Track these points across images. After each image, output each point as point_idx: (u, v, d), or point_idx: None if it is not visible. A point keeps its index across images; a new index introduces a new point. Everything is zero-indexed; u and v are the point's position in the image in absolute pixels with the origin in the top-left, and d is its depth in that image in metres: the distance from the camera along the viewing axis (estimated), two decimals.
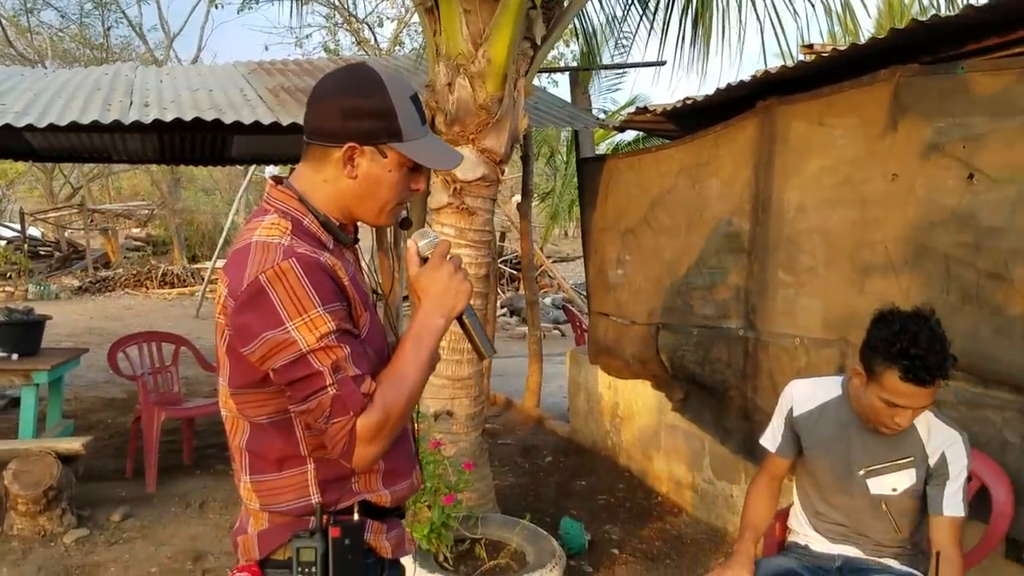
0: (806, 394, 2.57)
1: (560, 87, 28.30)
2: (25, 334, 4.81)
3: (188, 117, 4.25)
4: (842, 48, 3.11)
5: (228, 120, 4.25)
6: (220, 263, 16.33)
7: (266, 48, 56.54)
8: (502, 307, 13.49)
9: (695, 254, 4.32)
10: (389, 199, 1.50)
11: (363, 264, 1.66)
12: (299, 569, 1.43)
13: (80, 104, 4.58)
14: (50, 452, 4.14)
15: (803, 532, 2.59)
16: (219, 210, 23.66)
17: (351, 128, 1.44)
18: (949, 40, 2.91)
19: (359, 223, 1.59)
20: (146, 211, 21.00)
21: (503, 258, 15.75)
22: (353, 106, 1.44)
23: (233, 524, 4.41)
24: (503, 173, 4.17)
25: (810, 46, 3.31)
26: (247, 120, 4.26)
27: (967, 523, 2.46)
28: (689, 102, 4.22)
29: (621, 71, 12.13)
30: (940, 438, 2.31)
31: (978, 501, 2.60)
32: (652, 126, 4.89)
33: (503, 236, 15.51)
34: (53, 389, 5.20)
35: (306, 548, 1.44)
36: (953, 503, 2.28)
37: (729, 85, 3.81)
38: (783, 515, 2.77)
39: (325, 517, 1.46)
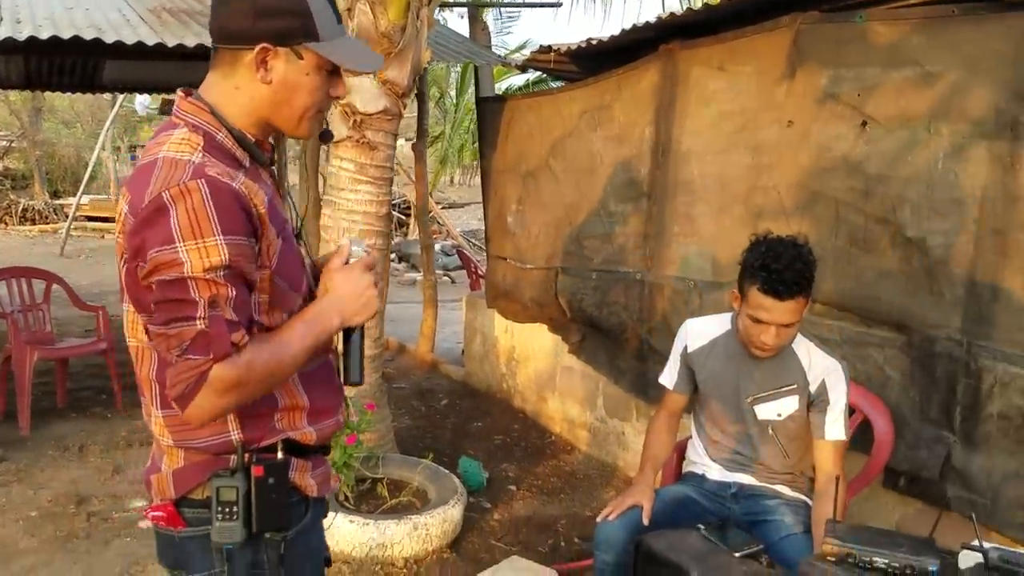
0: (699, 331, 2.67)
1: (458, 25, 27.79)
2: None
3: (66, 35, 3.93)
4: None
5: (109, 40, 3.96)
6: (85, 200, 15.44)
7: None
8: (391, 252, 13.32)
9: (596, 199, 4.36)
10: (308, 105, 1.42)
11: (281, 188, 1.59)
12: (219, 509, 1.38)
13: None
14: None
15: (701, 462, 2.71)
16: (82, 143, 22.24)
17: (264, 28, 1.34)
18: None
19: (276, 139, 1.52)
20: (4, 142, 19.51)
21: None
22: (265, 5, 1.34)
23: (116, 467, 4.26)
24: (405, 107, 4.07)
25: None
26: (129, 40, 3.99)
27: (851, 454, 2.63)
28: (593, 42, 4.21)
29: (515, 12, 12.01)
30: (820, 367, 2.45)
31: (861, 433, 2.77)
32: (555, 67, 4.87)
33: None
34: None
35: (227, 487, 1.38)
36: (835, 428, 2.43)
37: (634, 26, 3.83)
38: (680, 448, 2.88)
39: (247, 455, 1.40)
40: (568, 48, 4.36)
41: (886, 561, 1.78)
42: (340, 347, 1.53)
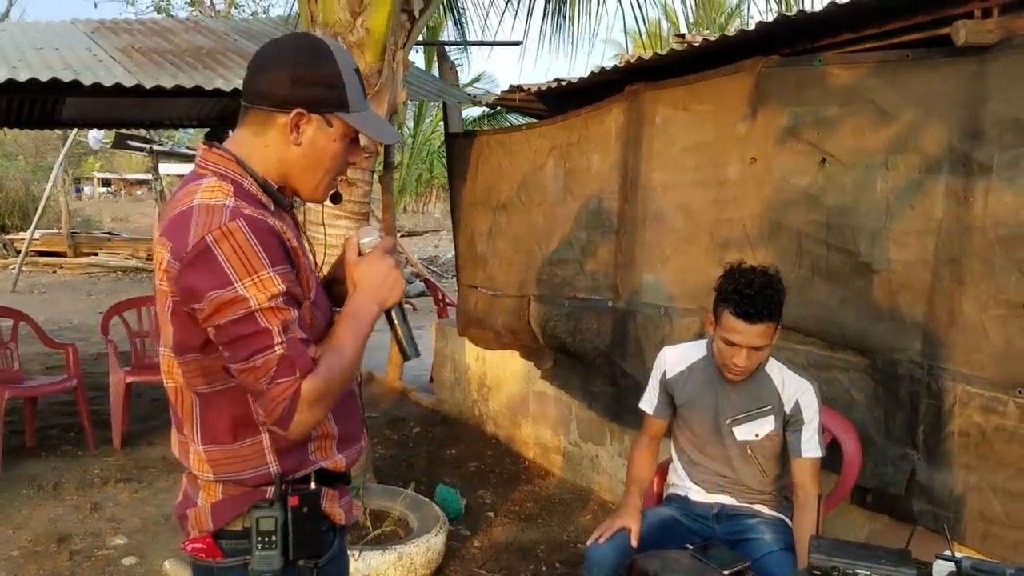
0: (676, 357, 2.81)
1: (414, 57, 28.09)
2: None
3: (44, 77, 3.96)
4: (712, 38, 3.34)
5: (87, 82, 4.00)
6: (38, 234, 15.19)
7: (95, 5, 53.59)
8: None
9: (566, 230, 4.50)
10: (330, 169, 1.54)
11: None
12: (259, 539, 1.45)
13: None
14: None
15: (682, 484, 2.83)
16: (28, 177, 21.88)
17: (300, 95, 1.45)
18: (807, 34, 3.20)
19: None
20: None
21: None
22: (304, 74, 1.46)
23: (93, 505, 4.24)
24: (381, 146, 4.18)
25: (682, 36, 3.54)
26: (107, 82, 4.03)
27: (822, 473, 2.77)
28: (563, 83, 4.38)
29: (463, 48, 12.22)
30: (793, 387, 2.60)
31: (829, 453, 2.92)
32: (523, 104, 5.02)
33: None
34: None
35: (266, 518, 1.46)
36: (810, 445, 2.58)
37: (603, 69, 4.00)
38: (661, 471, 3.01)
39: (284, 486, 1.48)
40: (538, 88, 4.52)
41: (867, 573, 1.91)
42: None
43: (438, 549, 3.63)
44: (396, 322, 1.60)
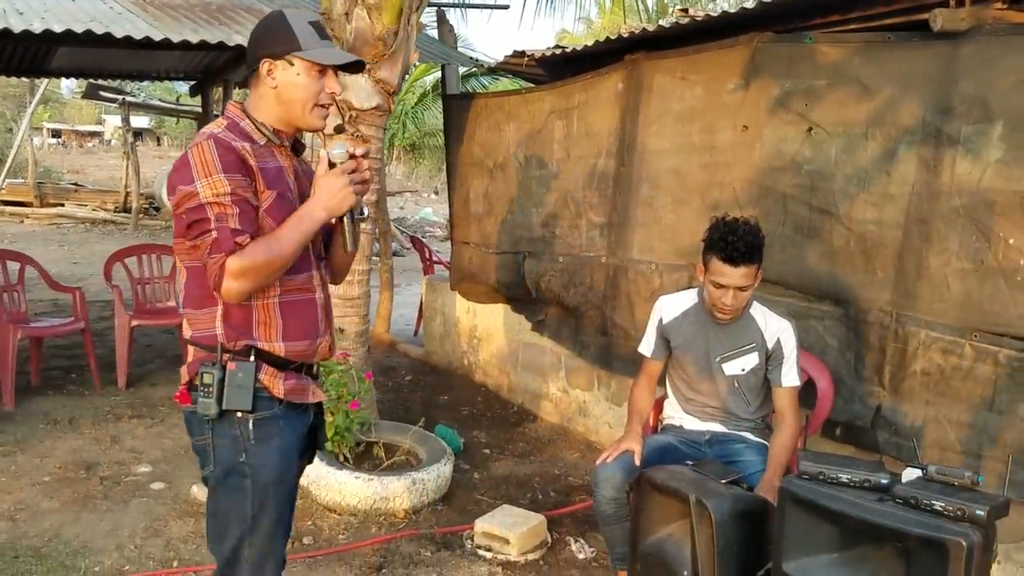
0: (672, 305, 3.16)
1: None
2: None
3: (79, 29, 4.13)
4: (714, 15, 3.65)
5: (119, 34, 4.18)
6: (14, 182, 15.04)
7: None
8: None
9: (563, 190, 4.81)
10: (307, 99, 1.96)
11: (298, 167, 2.07)
12: (202, 389, 1.91)
13: None
14: None
15: (677, 416, 3.19)
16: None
17: (263, 50, 1.95)
18: (800, 14, 3.52)
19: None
20: None
21: None
22: (263, 35, 1.98)
23: (113, 438, 4.49)
24: (394, 104, 4.43)
25: (685, 10, 3.83)
26: (136, 35, 4.21)
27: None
28: (565, 50, 4.66)
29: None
30: (774, 327, 2.98)
31: (805, 392, 3.30)
32: (524, 69, 5.29)
33: None
34: None
35: (208, 373, 1.91)
36: (789, 376, 2.96)
37: (608, 38, 4.28)
38: (657, 406, 3.36)
39: (226, 354, 1.92)
40: (541, 54, 4.79)
41: (849, 476, 2.28)
42: (321, 293, 2.07)
43: (446, 477, 3.97)
44: (345, 222, 2.02)
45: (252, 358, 1.94)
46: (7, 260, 5.45)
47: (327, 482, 3.77)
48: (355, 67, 2.07)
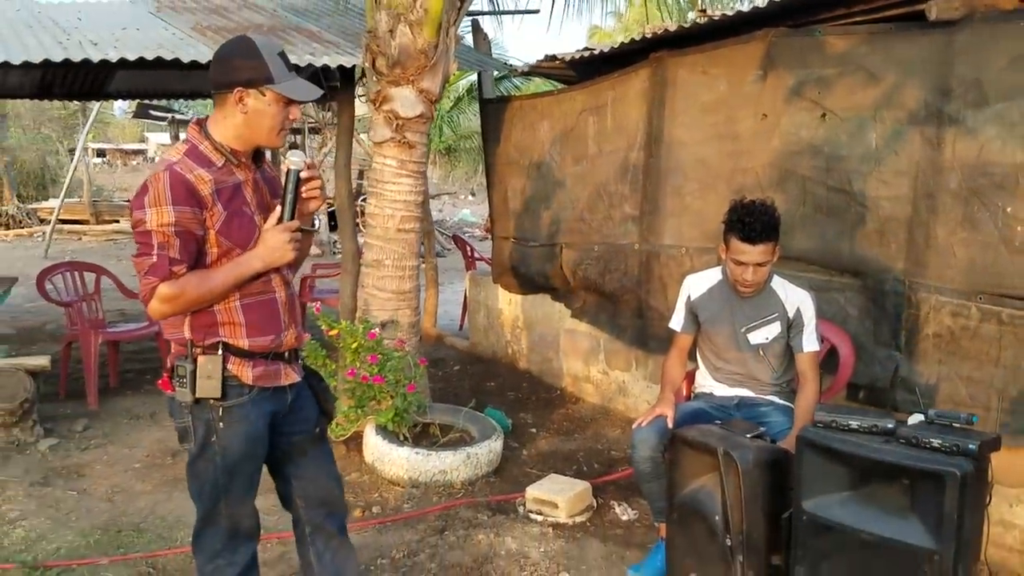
0: (698, 283, 3.44)
1: None
2: None
3: (151, 57, 4.54)
4: (729, 14, 3.94)
5: (185, 59, 4.58)
6: (70, 201, 15.72)
7: None
8: None
9: (596, 183, 5.12)
10: (273, 125, 2.17)
11: (258, 177, 2.28)
12: (178, 379, 2.18)
13: (34, 43, 4.72)
14: (19, 368, 4.44)
15: (708, 384, 3.47)
16: (45, 148, 22.35)
17: (237, 79, 2.11)
18: (808, 10, 3.80)
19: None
20: None
21: (363, 195, 16.06)
22: (238, 64, 2.12)
23: None
24: (435, 111, 4.77)
25: (703, 10, 4.12)
26: (204, 59, 4.60)
27: (822, 375, 3.42)
28: (595, 52, 4.97)
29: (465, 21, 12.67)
30: (794, 297, 3.24)
31: (828, 359, 3.57)
32: (556, 72, 5.61)
33: (361, 173, 15.77)
34: None
35: (182, 366, 2.18)
36: (810, 341, 3.22)
37: (633, 39, 4.59)
38: (689, 377, 3.65)
39: (197, 349, 2.18)
40: (571, 57, 5.10)
41: (858, 423, 2.57)
42: (282, 292, 2.29)
43: (498, 451, 4.31)
44: (289, 193, 2.20)
45: (219, 352, 2.17)
46: (84, 272, 5.91)
47: (390, 458, 4.12)
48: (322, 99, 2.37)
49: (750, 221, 3.05)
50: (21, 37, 5.13)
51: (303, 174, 2.21)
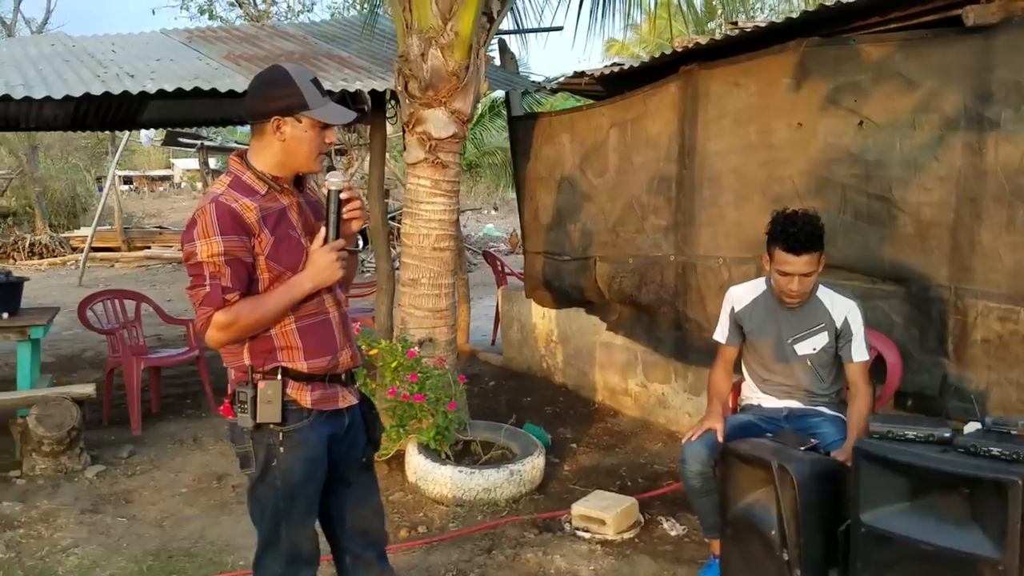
0: (742, 294, 3.42)
1: None
2: (10, 294, 5.06)
3: (188, 87, 4.63)
4: (762, 25, 3.95)
5: (222, 89, 4.66)
6: (102, 229, 15.96)
7: (153, 12, 59.13)
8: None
9: (628, 196, 5.13)
10: (312, 151, 2.22)
11: (302, 200, 2.33)
12: (239, 405, 2.22)
13: (73, 77, 4.83)
14: (66, 397, 4.51)
15: (755, 396, 3.45)
16: (75, 177, 22.73)
17: (274, 108, 2.15)
18: (842, 19, 3.80)
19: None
20: (3, 180, 19.95)
21: (390, 213, 16.19)
22: (272, 94, 2.17)
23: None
24: (467, 131, 4.81)
25: (734, 23, 4.13)
26: (240, 88, 4.68)
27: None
28: (623, 67, 4.99)
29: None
30: (841, 307, 3.20)
31: (875, 367, 3.54)
32: (584, 87, 5.64)
33: (387, 192, 15.89)
34: (34, 346, 5.44)
35: (243, 392, 2.21)
36: (859, 351, 3.19)
37: (663, 54, 4.61)
38: (735, 389, 3.63)
39: (257, 375, 2.22)
40: (600, 72, 5.13)
41: (915, 433, 2.55)
42: (335, 312, 2.33)
43: (540, 468, 4.31)
44: (332, 214, 2.24)
45: (279, 376, 2.21)
46: (125, 299, 6.00)
47: (433, 477, 4.13)
48: (354, 121, 2.40)
49: (794, 231, 3.03)
50: (59, 72, 5.25)
51: (343, 195, 2.24)
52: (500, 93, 11.01)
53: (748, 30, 4.01)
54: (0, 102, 5.20)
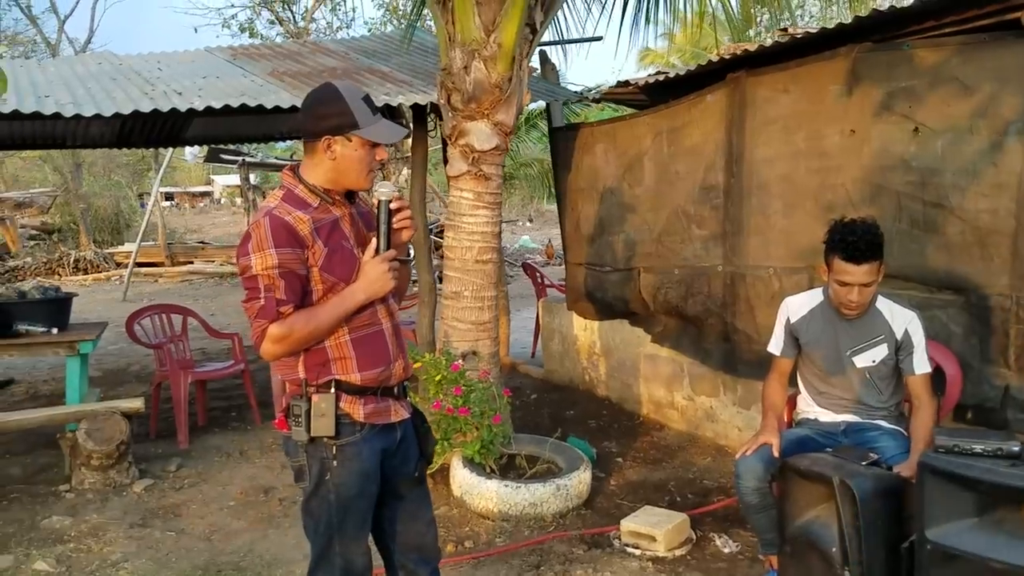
0: (798, 305, 3.34)
1: None
2: (60, 309, 5.13)
3: (235, 104, 4.68)
4: (812, 30, 3.88)
5: (268, 105, 4.70)
6: (146, 244, 16.22)
7: (195, 30, 61.16)
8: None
9: (673, 205, 5.06)
10: (362, 168, 2.23)
11: (354, 211, 2.33)
12: (293, 418, 2.23)
13: (121, 95, 4.91)
14: (115, 411, 4.55)
15: (811, 410, 3.36)
16: (117, 193, 23.16)
17: (325, 127, 2.17)
18: (895, 24, 3.72)
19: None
20: (48, 197, 20.40)
21: (429, 226, 16.26)
22: (323, 112, 2.19)
23: (283, 464, 4.94)
24: (509, 143, 4.79)
25: (784, 29, 4.07)
26: (286, 104, 4.72)
27: None
28: (667, 76, 4.95)
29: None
30: (901, 318, 3.12)
31: (934, 379, 3.43)
32: (627, 97, 5.60)
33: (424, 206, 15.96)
34: (82, 361, 5.52)
35: (297, 405, 2.23)
36: (921, 364, 3.10)
37: (711, 62, 4.55)
38: (790, 402, 3.55)
39: (311, 388, 2.23)
40: (645, 81, 5.09)
41: (982, 447, 2.46)
42: (388, 323, 2.32)
43: (587, 482, 4.25)
44: (382, 224, 2.24)
45: (332, 390, 2.21)
46: (172, 314, 6.06)
47: (479, 491, 4.10)
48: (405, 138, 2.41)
49: (854, 240, 2.95)
50: (108, 90, 5.33)
51: (393, 205, 2.24)
52: (534, 104, 11.06)
53: (799, 36, 3.93)
54: (49, 120, 5.33)
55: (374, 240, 2.26)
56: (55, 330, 5.01)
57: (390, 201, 2.24)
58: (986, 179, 3.36)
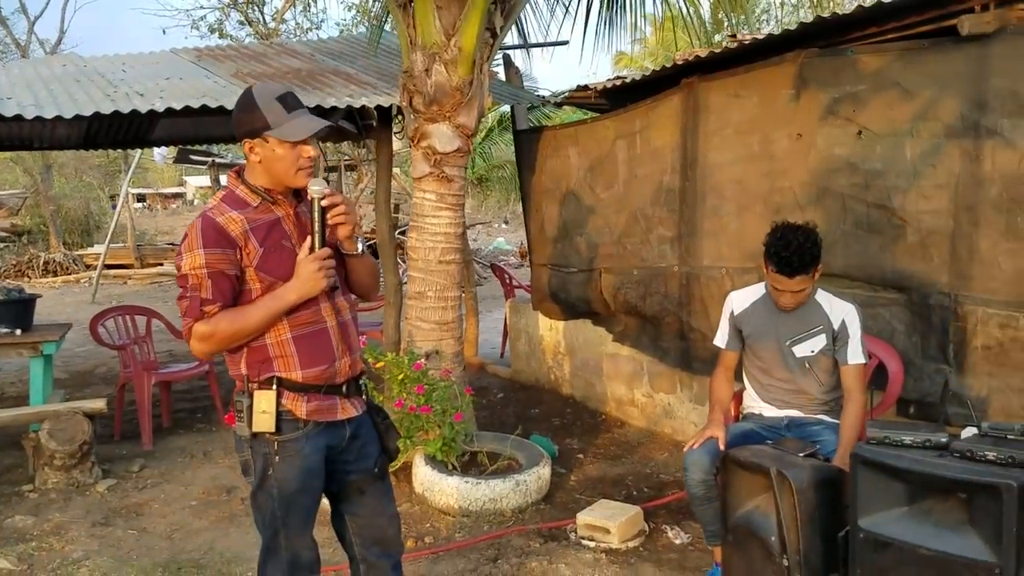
0: (742, 298, 3.45)
1: None
2: (24, 311, 5.14)
3: (196, 105, 4.71)
4: (760, 37, 3.99)
5: (230, 106, 4.69)
6: (115, 246, 16.10)
7: (164, 32, 63.29)
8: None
9: (632, 208, 5.16)
10: (288, 167, 2.25)
11: (300, 210, 2.34)
12: (237, 414, 2.29)
13: (83, 97, 4.92)
14: (78, 411, 4.57)
15: (756, 405, 3.47)
16: (87, 195, 22.97)
17: (242, 131, 2.24)
18: (839, 30, 3.83)
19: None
20: (18, 199, 20.19)
21: (400, 228, 16.26)
22: (239, 118, 2.25)
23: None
24: (473, 144, 4.87)
25: (734, 35, 4.18)
26: None
27: (872, 392, 3.41)
28: (626, 80, 5.04)
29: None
30: (839, 310, 3.22)
31: (878, 375, 3.56)
32: (589, 101, 5.69)
33: (396, 207, 15.98)
34: (46, 362, 5.52)
35: (239, 402, 2.28)
36: (855, 354, 3.19)
37: (664, 67, 4.66)
38: (736, 398, 3.65)
39: (252, 384, 2.27)
40: (603, 86, 5.18)
41: (911, 438, 2.56)
42: (332, 320, 2.34)
43: (546, 478, 4.33)
44: (316, 220, 2.25)
45: (274, 387, 2.24)
46: (136, 315, 6.07)
47: (440, 488, 4.16)
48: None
49: (787, 256, 3.04)
50: (70, 92, 5.34)
51: (324, 202, 2.24)
52: (506, 107, 11.12)
53: (747, 42, 4.04)
54: (14, 122, 5.32)
55: (308, 239, 2.28)
56: (19, 331, 5.01)
57: (322, 198, 2.24)
58: (926, 181, 3.48)
